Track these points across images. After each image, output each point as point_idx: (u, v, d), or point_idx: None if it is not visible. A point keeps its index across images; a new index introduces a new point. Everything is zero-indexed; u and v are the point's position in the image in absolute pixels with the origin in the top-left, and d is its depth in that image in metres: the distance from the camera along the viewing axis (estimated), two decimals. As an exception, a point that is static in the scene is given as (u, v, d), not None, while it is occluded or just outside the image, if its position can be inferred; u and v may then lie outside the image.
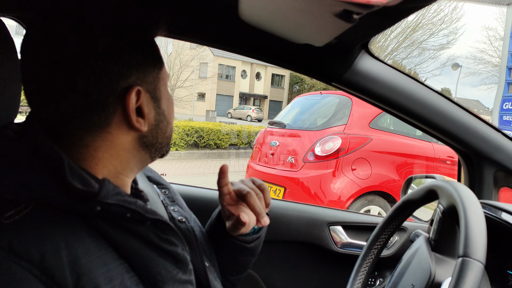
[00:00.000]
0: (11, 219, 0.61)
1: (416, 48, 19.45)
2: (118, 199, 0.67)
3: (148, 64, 0.74)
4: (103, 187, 0.66)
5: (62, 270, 0.60)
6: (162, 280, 0.71)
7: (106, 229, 0.68)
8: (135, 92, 0.70)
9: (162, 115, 0.78)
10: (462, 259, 0.74)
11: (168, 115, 0.81)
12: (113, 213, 0.68)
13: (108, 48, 0.68)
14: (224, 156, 12.44)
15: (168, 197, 0.99)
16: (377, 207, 4.27)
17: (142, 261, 0.70)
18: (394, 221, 1.16)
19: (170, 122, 0.81)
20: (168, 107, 0.80)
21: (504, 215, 1.07)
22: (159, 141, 0.79)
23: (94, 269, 0.63)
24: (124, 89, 0.70)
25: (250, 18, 1.10)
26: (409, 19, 19.44)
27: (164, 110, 0.79)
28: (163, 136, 0.80)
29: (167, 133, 0.81)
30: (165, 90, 0.80)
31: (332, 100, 4.95)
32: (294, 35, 1.13)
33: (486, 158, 1.34)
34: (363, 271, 1.17)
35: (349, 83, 1.24)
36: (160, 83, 0.77)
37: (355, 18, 0.82)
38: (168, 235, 0.75)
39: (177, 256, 0.76)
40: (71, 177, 0.65)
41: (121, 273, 0.67)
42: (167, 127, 0.80)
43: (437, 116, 1.29)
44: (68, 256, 0.61)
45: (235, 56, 6.79)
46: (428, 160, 4.61)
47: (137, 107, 0.72)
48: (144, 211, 0.70)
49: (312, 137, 4.57)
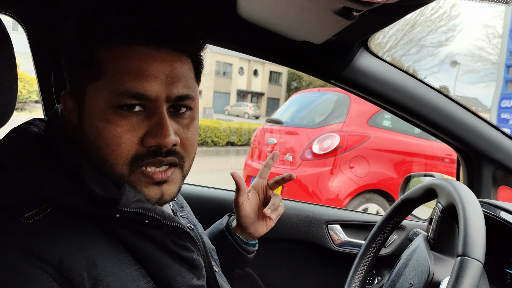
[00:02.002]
0: (31, 220, 0.61)
1: (414, 45, 19.48)
2: (138, 206, 0.67)
3: (75, 73, 0.71)
4: (124, 194, 0.65)
5: (80, 274, 0.59)
6: (176, 286, 0.71)
7: (123, 234, 0.67)
8: (69, 98, 0.72)
9: (83, 133, 0.70)
10: (461, 258, 0.74)
11: (91, 139, 0.68)
12: (132, 220, 0.67)
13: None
14: (222, 154, 12.42)
15: (177, 203, 0.98)
16: (375, 205, 4.27)
17: (158, 266, 0.70)
18: (393, 219, 1.16)
19: (94, 148, 0.68)
20: (91, 130, 0.68)
21: (503, 214, 1.07)
22: (94, 163, 0.69)
23: (110, 274, 0.62)
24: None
25: (248, 15, 1.10)
26: (408, 17, 19.46)
27: (85, 129, 0.69)
28: (93, 162, 0.69)
29: (93, 159, 0.69)
30: (90, 108, 0.68)
31: (330, 98, 4.95)
32: (293, 32, 1.12)
33: (485, 156, 1.34)
34: (361, 270, 1.17)
35: (348, 80, 1.24)
36: (86, 97, 0.69)
37: (355, 15, 0.82)
38: (185, 241, 0.75)
39: (192, 262, 0.75)
40: (91, 181, 0.64)
41: (137, 278, 0.67)
42: (92, 153, 0.68)
43: (436, 114, 1.29)
44: (86, 260, 0.61)
45: (232, 53, 6.76)
46: (427, 158, 4.61)
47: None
48: (163, 217, 0.70)
49: (310, 135, 4.56)
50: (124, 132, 0.67)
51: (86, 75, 0.68)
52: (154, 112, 0.68)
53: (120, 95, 0.66)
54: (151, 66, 0.67)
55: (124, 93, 0.66)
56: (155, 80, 0.67)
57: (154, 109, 0.68)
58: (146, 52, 0.67)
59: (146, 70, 0.67)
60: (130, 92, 0.66)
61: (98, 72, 0.67)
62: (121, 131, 0.66)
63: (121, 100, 0.66)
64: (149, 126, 0.68)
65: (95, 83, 0.67)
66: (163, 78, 0.68)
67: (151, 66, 0.67)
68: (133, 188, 0.69)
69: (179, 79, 0.70)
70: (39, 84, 1.33)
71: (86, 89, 0.68)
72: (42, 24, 1.26)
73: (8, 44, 0.81)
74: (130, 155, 0.68)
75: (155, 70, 0.67)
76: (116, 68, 0.66)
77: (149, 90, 0.67)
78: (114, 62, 0.66)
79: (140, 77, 0.66)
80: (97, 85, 0.67)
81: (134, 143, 0.68)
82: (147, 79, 0.67)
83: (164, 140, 0.67)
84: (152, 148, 0.68)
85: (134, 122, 0.67)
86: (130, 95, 0.66)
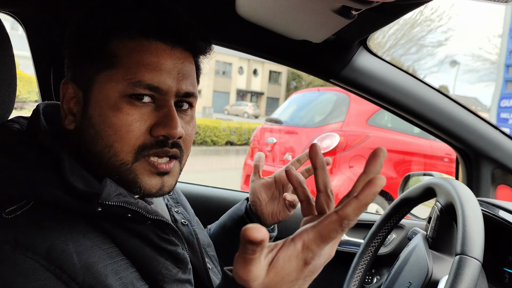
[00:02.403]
0: (13, 215, 0.62)
1: (414, 44, 19.48)
2: (120, 200, 0.67)
3: (84, 61, 0.71)
4: (104, 188, 0.65)
5: (70, 259, 0.60)
6: (162, 280, 0.72)
7: (108, 228, 0.68)
8: (71, 87, 0.72)
9: (88, 121, 0.70)
10: (460, 257, 0.74)
11: (97, 125, 0.69)
12: (114, 214, 0.67)
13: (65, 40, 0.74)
14: (221, 153, 12.43)
15: (173, 198, 0.99)
16: (375, 204, 4.27)
17: (143, 260, 0.70)
18: (392, 218, 1.16)
19: (100, 136, 0.69)
20: (99, 118, 0.69)
21: (501, 213, 1.07)
22: (89, 153, 0.70)
23: (101, 261, 0.63)
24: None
25: (247, 14, 1.10)
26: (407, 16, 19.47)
27: (92, 117, 0.70)
28: (91, 150, 0.70)
29: (96, 147, 0.70)
30: (100, 96, 0.69)
31: (330, 97, 4.95)
32: (292, 31, 1.12)
33: (484, 155, 1.34)
34: (360, 269, 1.17)
35: (347, 79, 1.24)
36: (94, 86, 0.70)
37: (354, 14, 0.82)
38: (169, 235, 0.75)
39: (177, 255, 0.75)
40: (72, 176, 0.65)
41: (126, 267, 0.67)
42: (95, 140, 0.70)
43: (435, 113, 1.29)
44: (75, 248, 0.61)
45: (232, 52, 6.79)
46: (426, 157, 4.62)
47: (75, 103, 0.73)
48: (146, 211, 0.70)
49: (309, 134, 4.56)
50: (134, 121, 0.69)
51: (96, 64, 0.70)
52: (163, 105, 0.71)
53: (134, 84, 0.68)
54: (167, 61, 0.71)
55: (138, 83, 0.68)
56: (169, 75, 0.71)
57: (163, 102, 0.71)
58: (162, 48, 0.71)
59: (162, 64, 0.70)
60: (145, 83, 0.69)
61: (112, 62, 0.69)
62: (131, 119, 0.69)
63: (135, 90, 0.68)
64: (157, 117, 0.71)
65: (108, 71, 0.69)
66: (175, 74, 0.72)
67: (166, 62, 0.71)
68: (135, 176, 0.71)
69: (188, 76, 0.74)
70: (38, 82, 1.33)
71: (96, 78, 0.70)
72: (41, 23, 1.26)
73: (7, 43, 0.81)
74: (137, 144, 0.69)
75: (169, 66, 0.71)
76: (133, 60, 0.69)
77: (162, 83, 0.70)
78: (132, 54, 0.69)
79: (156, 70, 0.69)
80: (111, 74, 0.69)
81: (142, 132, 0.70)
82: (162, 73, 0.70)
83: (173, 131, 0.70)
84: (159, 138, 0.71)
85: (144, 112, 0.70)
86: (145, 86, 0.69)
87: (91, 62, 0.70)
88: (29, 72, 6.15)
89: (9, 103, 0.82)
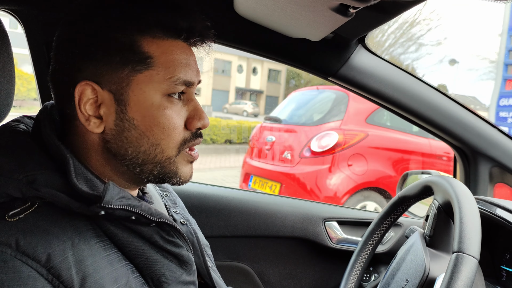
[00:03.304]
0: (16, 218, 0.61)
1: (413, 43, 19.48)
2: (123, 203, 0.67)
3: (111, 62, 0.69)
4: (107, 191, 0.65)
5: (69, 270, 0.60)
6: (166, 282, 0.72)
7: (112, 230, 0.68)
8: (90, 88, 0.69)
9: (128, 122, 0.70)
10: (457, 255, 0.74)
11: (142, 126, 0.70)
12: (118, 216, 0.68)
13: (67, 39, 0.72)
14: (220, 152, 12.42)
15: (170, 199, 0.99)
16: (373, 203, 4.28)
17: (147, 263, 0.70)
18: (390, 216, 1.16)
19: (146, 136, 0.71)
20: (144, 118, 0.70)
21: (499, 211, 1.07)
22: (129, 153, 0.71)
23: (99, 270, 0.63)
24: (77, 81, 0.70)
25: (245, 12, 1.10)
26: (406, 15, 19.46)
27: (134, 118, 0.70)
28: (134, 150, 0.71)
29: (141, 147, 0.71)
30: (141, 96, 0.70)
31: (329, 96, 4.95)
32: (290, 29, 1.12)
33: (482, 154, 1.35)
34: (358, 267, 1.17)
35: (345, 78, 1.24)
36: (130, 87, 0.70)
37: (352, 12, 0.82)
38: (173, 237, 0.76)
39: (182, 257, 0.76)
40: (77, 178, 0.65)
41: (127, 273, 0.67)
42: (140, 141, 0.71)
43: (434, 112, 1.29)
44: (74, 256, 0.61)
45: (231, 50, 6.83)
46: (425, 156, 4.62)
47: (98, 105, 0.70)
48: (150, 213, 0.70)
49: (308, 133, 4.56)
50: (176, 118, 0.73)
51: (131, 65, 0.69)
52: (189, 98, 0.77)
53: (175, 82, 0.72)
54: (191, 58, 0.76)
55: (178, 80, 0.72)
56: (193, 69, 0.76)
57: (189, 95, 0.77)
58: (186, 47, 0.76)
59: (189, 61, 0.75)
60: (182, 80, 0.73)
61: (148, 63, 0.70)
62: (175, 117, 0.73)
63: (176, 88, 0.72)
64: (188, 111, 0.76)
65: (146, 72, 0.70)
66: (196, 68, 0.77)
67: (191, 58, 0.76)
68: (176, 168, 0.75)
69: (199, 69, 0.80)
70: (37, 81, 1.33)
71: (133, 79, 0.70)
72: (40, 21, 1.26)
73: (5, 41, 0.81)
74: (179, 139, 0.74)
75: (192, 62, 0.76)
76: (169, 60, 0.72)
77: (193, 77, 0.75)
78: (166, 54, 0.72)
79: (187, 67, 0.74)
80: (150, 74, 0.70)
81: (182, 127, 0.75)
82: (192, 68, 0.75)
83: (206, 121, 0.77)
84: (195, 131, 0.77)
85: (179, 108, 0.74)
86: (183, 83, 0.73)
87: (123, 64, 0.69)
88: (29, 70, 6.14)
89: (8, 101, 0.82)
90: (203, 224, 1.29)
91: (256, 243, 1.56)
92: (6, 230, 0.60)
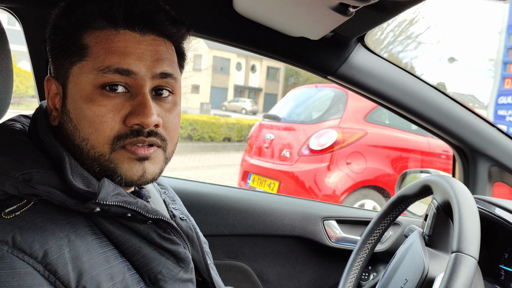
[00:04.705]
0: (12, 215, 0.62)
1: (412, 41, 19.50)
2: (118, 199, 0.66)
3: (61, 56, 0.71)
4: (102, 188, 0.65)
5: (65, 266, 0.60)
6: (163, 279, 0.72)
7: (108, 228, 0.68)
8: (53, 83, 0.73)
9: (66, 115, 0.70)
10: (456, 254, 0.74)
11: (74, 119, 0.69)
12: (114, 213, 0.67)
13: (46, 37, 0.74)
14: (219, 149, 12.41)
15: (169, 196, 0.99)
16: (372, 201, 4.28)
17: (144, 260, 0.70)
18: (389, 215, 1.16)
19: (78, 130, 0.69)
20: (75, 111, 0.69)
21: (497, 210, 1.07)
22: (71, 148, 0.70)
23: (95, 267, 0.63)
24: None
25: (245, 10, 1.09)
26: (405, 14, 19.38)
27: (69, 111, 0.70)
28: (72, 144, 0.70)
29: (75, 141, 0.70)
30: (74, 89, 0.69)
31: (328, 94, 4.94)
32: (289, 28, 1.12)
33: (481, 153, 1.35)
34: (357, 266, 1.17)
35: (344, 77, 1.24)
36: (69, 79, 0.70)
37: (351, 11, 0.82)
38: (170, 234, 0.75)
39: (178, 255, 0.75)
40: (73, 176, 0.65)
41: (123, 270, 0.67)
42: (74, 134, 0.70)
43: (432, 110, 1.29)
44: (71, 253, 0.61)
45: (230, 48, 6.80)
46: (424, 154, 4.62)
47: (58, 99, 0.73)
48: (145, 210, 0.70)
49: (307, 131, 4.56)
50: (107, 112, 0.68)
51: (71, 57, 0.70)
52: (137, 93, 0.69)
53: (103, 71, 0.67)
54: (136, 47, 0.69)
55: (107, 68, 0.67)
56: (140, 60, 0.69)
57: (137, 89, 0.69)
58: (131, 35, 0.70)
59: (131, 50, 0.69)
60: (113, 67, 0.67)
61: (83, 53, 0.69)
62: (104, 110, 0.67)
63: (105, 77, 0.67)
64: (132, 106, 0.69)
65: (79, 63, 0.69)
66: (148, 58, 0.70)
67: (136, 47, 0.69)
68: (115, 166, 0.69)
69: (163, 59, 0.72)
70: (34, 78, 1.33)
71: (70, 71, 0.70)
72: (39, 19, 1.26)
73: (3, 39, 0.81)
74: (112, 134, 0.68)
75: (139, 51, 0.69)
76: (102, 49, 0.68)
77: (133, 65, 0.68)
78: (101, 44, 0.68)
79: (125, 55, 0.68)
80: (82, 65, 0.68)
81: (116, 122, 0.68)
82: (132, 56, 0.68)
83: (146, 119, 0.68)
84: (134, 127, 0.69)
85: (117, 103, 0.68)
86: (114, 71, 0.67)
87: (67, 56, 0.70)
88: (27, 67, 6.14)
89: (6, 99, 0.82)
90: (201, 223, 1.29)
91: (254, 241, 1.56)
92: (3, 227, 0.60)
